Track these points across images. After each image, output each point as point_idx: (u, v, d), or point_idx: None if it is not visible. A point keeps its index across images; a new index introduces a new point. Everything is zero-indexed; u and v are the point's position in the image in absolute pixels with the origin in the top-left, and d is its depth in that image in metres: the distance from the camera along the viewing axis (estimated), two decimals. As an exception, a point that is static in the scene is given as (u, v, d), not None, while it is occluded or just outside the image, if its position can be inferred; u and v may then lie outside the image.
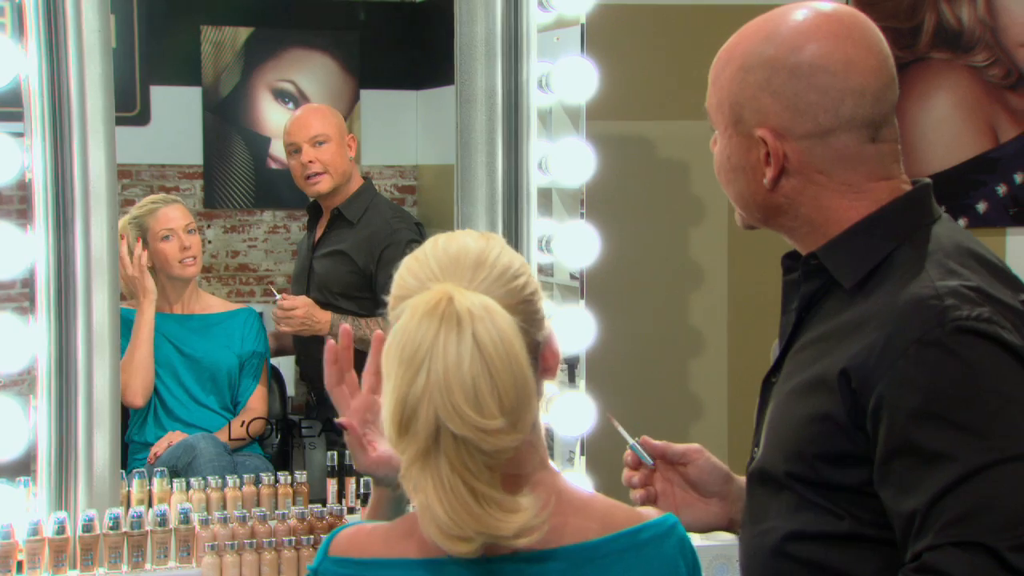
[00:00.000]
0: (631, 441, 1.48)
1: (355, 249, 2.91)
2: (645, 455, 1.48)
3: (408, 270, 1.18)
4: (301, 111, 3.11)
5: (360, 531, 1.19)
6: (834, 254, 1.30)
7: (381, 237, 2.90)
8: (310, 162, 2.90)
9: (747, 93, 1.30)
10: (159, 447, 2.67)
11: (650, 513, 1.24)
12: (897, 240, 1.28)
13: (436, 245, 1.19)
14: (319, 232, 3.01)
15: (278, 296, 2.86)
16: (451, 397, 1.06)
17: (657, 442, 1.49)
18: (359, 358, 2.93)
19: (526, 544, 1.10)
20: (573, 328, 2.41)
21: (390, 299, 1.19)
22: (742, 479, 1.48)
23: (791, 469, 1.27)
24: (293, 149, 2.95)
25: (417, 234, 2.94)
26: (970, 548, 1.12)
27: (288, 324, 2.84)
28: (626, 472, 1.50)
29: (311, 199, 3.05)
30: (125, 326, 2.36)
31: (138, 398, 2.72)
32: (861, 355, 1.20)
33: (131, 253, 2.73)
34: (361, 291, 2.90)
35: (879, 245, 1.28)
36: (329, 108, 3.11)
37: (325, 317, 2.83)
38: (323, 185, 2.92)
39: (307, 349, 2.95)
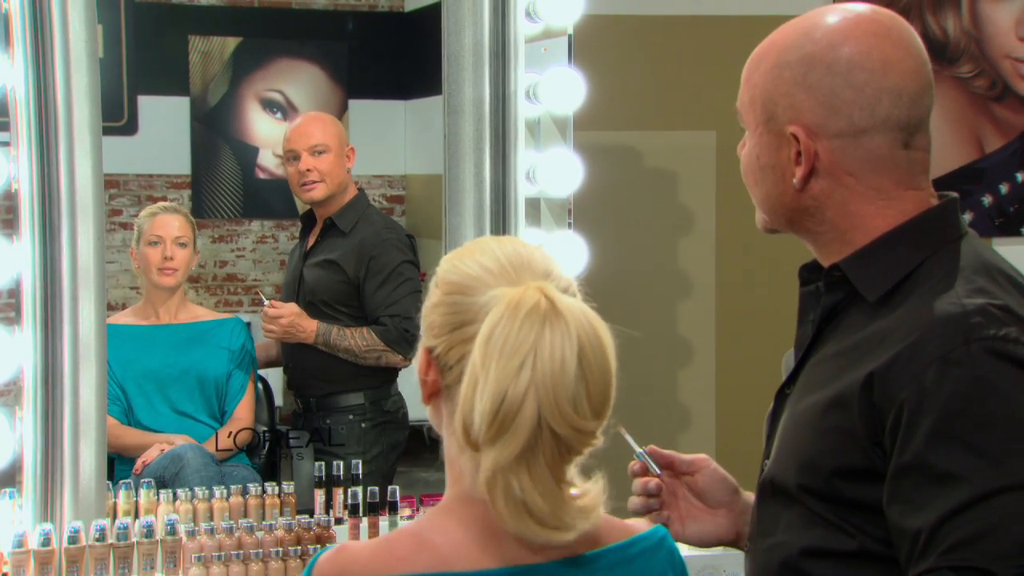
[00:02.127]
0: (639, 450, 1.46)
1: (345, 259, 2.91)
2: (653, 464, 1.46)
3: (474, 261, 1.16)
4: (303, 119, 3.09)
5: (345, 550, 1.17)
6: (858, 266, 1.27)
7: (369, 247, 2.90)
8: (308, 170, 2.90)
9: (781, 89, 1.27)
10: (148, 456, 2.66)
11: (640, 526, 1.24)
12: (923, 254, 1.25)
13: (500, 245, 1.18)
14: (311, 241, 3.01)
15: (266, 302, 2.86)
16: (555, 396, 1.07)
17: (665, 451, 1.48)
18: (335, 364, 2.91)
19: (594, 524, 1.13)
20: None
21: (441, 283, 1.17)
22: (750, 494, 1.45)
23: (804, 482, 1.25)
24: (292, 156, 2.94)
25: (409, 250, 2.92)
26: (969, 573, 1.10)
27: (273, 331, 2.85)
28: (639, 482, 1.48)
29: (306, 206, 3.04)
30: (110, 339, 2.35)
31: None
32: (883, 369, 1.18)
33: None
34: (350, 300, 2.90)
35: (905, 259, 1.25)
36: (331, 117, 3.09)
37: (311, 326, 2.84)
38: (317, 192, 2.92)
39: (295, 358, 2.95)
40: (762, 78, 1.29)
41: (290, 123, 3.14)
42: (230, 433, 2.77)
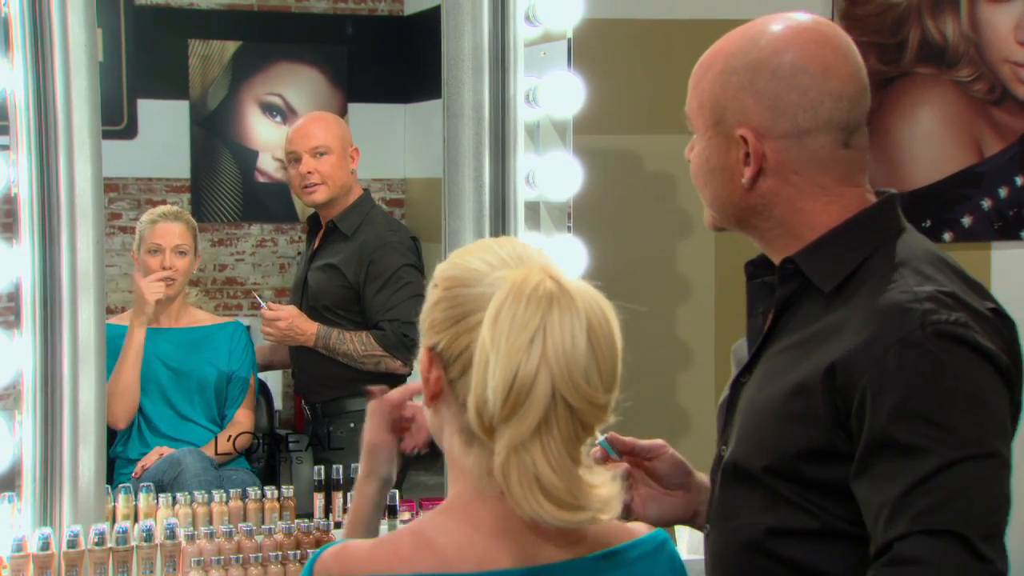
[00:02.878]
0: (600, 437, 1.50)
1: (346, 263, 2.88)
2: (613, 450, 1.50)
3: (474, 257, 1.18)
4: (305, 119, 3.04)
5: (347, 549, 1.17)
6: (811, 260, 1.36)
7: (369, 250, 2.87)
8: (308, 173, 2.87)
9: (729, 94, 1.36)
10: (147, 460, 2.66)
11: (640, 530, 1.24)
12: (871, 247, 1.34)
13: (499, 244, 1.20)
14: (316, 244, 2.99)
15: (263, 305, 2.85)
16: (569, 369, 1.09)
17: (625, 438, 1.52)
18: (342, 369, 2.89)
19: (611, 517, 1.13)
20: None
21: (440, 281, 1.19)
22: (702, 474, 1.52)
23: (769, 464, 1.31)
24: (293, 158, 2.91)
25: (412, 253, 2.89)
26: (941, 536, 1.17)
27: (271, 333, 2.83)
28: (608, 467, 1.52)
29: (309, 209, 3.03)
30: (110, 341, 2.35)
31: (120, 422, 2.72)
32: (845, 355, 1.26)
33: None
34: (351, 305, 2.88)
35: (855, 251, 1.34)
36: (334, 118, 3.06)
37: (311, 329, 2.82)
38: (319, 195, 2.89)
39: (300, 363, 2.94)
40: (710, 84, 1.37)
41: (291, 124, 3.12)
42: (229, 437, 2.76)
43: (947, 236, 3.38)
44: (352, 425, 2.82)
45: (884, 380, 1.22)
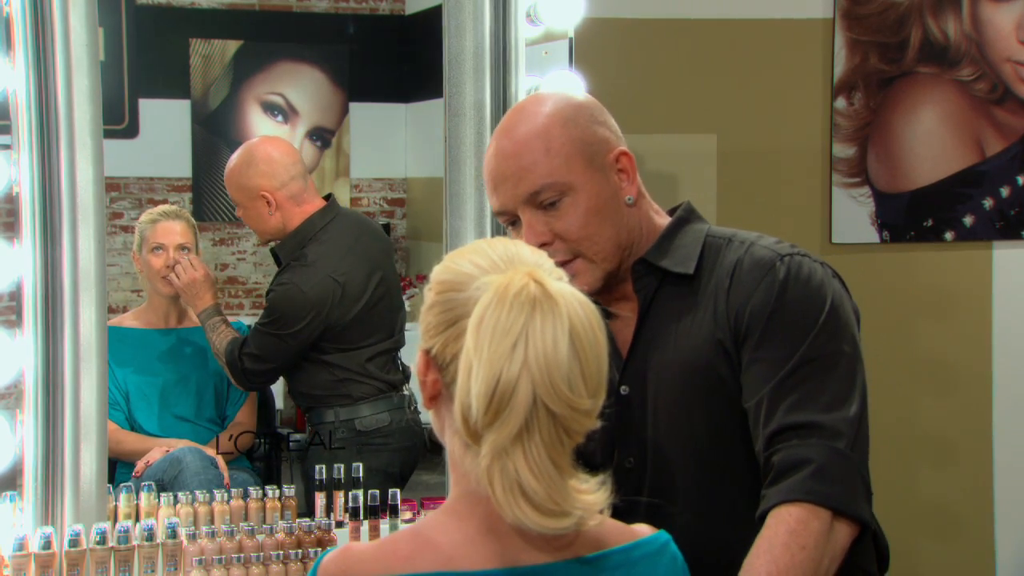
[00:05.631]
0: None
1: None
2: None
3: (466, 260, 1.18)
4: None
5: (349, 550, 1.17)
6: (662, 253, 1.57)
7: (272, 285, 2.78)
8: (239, 217, 2.89)
9: (588, 133, 1.54)
10: (150, 457, 2.66)
11: (643, 531, 1.24)
12: (699, 235, 1.58)
13: (491, 245, 1.21)
14: None
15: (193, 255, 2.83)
16: (550, 375, 1.09)
17: None
18: (314, 379, 2.78)
19: (596, 522, 1.15)
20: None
21: (434, 284, 1.19)
22: None
23: (708, 437, 1.50)
24: None
25: (304, 302, 2.69)
26: (803, 429, 1.39)
27: (171, 280, 2.79)
28: None
29: None
30: (113, 342, 2.35)
31: None
32: (726, 304, 1.48)
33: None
34: None
35: (691, 239, 1.58)
36: (242, 165, 2.78)
37: (205, 300, 2.76)
38: (257, 237, 2.94)
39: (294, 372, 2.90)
40: (565, 140, 1.52)
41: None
42: (231, 436, 2.76)
43: (949, 235, 3.38)
44: (319, 437, 2.74)
45: (762, 301, 1.46)
